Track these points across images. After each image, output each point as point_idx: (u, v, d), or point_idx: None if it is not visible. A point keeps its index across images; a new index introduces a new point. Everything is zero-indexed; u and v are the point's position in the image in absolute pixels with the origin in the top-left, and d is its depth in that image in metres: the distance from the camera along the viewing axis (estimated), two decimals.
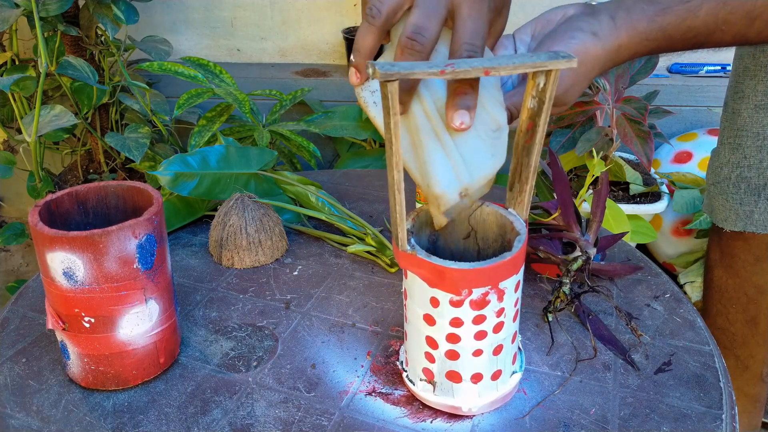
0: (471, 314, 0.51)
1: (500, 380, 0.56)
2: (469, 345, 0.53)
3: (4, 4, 1.08)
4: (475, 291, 0.50)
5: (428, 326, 0.54)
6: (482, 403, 0.56)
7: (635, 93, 1.37)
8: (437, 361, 0.55)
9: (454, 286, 0.50)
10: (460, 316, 0.52)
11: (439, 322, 0.53)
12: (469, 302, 0.51)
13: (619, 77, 1.29)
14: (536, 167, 0.51)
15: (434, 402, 0.57)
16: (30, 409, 0.59)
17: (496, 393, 0.57)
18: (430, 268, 0.50)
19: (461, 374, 0.55)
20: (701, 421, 0.57)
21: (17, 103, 1.26)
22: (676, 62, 1.72)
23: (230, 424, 0.57)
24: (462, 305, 0.51)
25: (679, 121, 1.68)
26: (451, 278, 0.50)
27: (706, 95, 1.65)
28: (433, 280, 0.51)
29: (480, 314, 0.52)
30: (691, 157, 1.56)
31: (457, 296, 0.51)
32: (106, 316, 0.57)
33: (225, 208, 0.81)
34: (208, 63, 1.23)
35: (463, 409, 0.56)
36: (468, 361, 0.54)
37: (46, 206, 0.59)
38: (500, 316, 0.53)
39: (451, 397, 0.56)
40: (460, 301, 0.51)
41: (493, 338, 0.53)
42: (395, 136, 0.45)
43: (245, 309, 0.73)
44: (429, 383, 0.57)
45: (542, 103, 0.49)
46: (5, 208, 1.85)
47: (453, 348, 0.54)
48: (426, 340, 0.55)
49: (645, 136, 1.24)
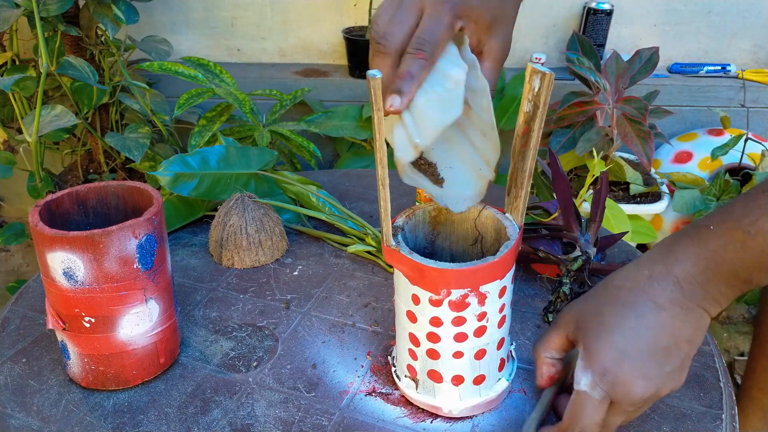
0: (450, 315, 0.52)
1: (483, 385, 0.56)
2: (449, 346, 0.53)
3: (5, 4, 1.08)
4: (454, 292, 0.50)
5: (411, 323, 0.54)
6: (463, 406, 0.56)
7: (635, 93, 1.37)
8: (419, 359, 0.55)
9: (433, 284, 0.50)
10: (439, 315, 0.52)
11: (420, 320, 0.53)
12: (448, 302, 0.51)
13: (620, 77, 1.29)
14: (531, 172, 0.51)
15: (417, 400, 0.58)
16: (30, 409, 0.59)
17: (478, 398, 0.56)
18: (411, 265, 0.51)
19: (442, 375, 0.55)
20: (701, 421, 0.57)
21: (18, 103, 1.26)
22: (676, 62, 1.72)
23: (230, 424, 0.57)
24: (441, 305, 0.51)
25: (679, 121, 1.68)
26: (430, 277, 0.50)
27: (706, 95, 1.65)
28: (414, 278, 0.51)
29: (459, 316, 0.52)
30: (692, 157, 1.56)
31: (436, 295, 0.51)
32: (106, 316, 0.57)
33: (225, 208, 0.81)
34: (208, 63, 1.23)
35: (444, 410, 0.56)
36: (448, 362, 0.54)
37: (47, 206, 0.59)
38: (482, 321, 0.52)
39: (433, 396, 0.56)
40: (439, 300, 0.51)
41: (474, 342, 0.53)
42: (378, 132, 0.46)
43: (245, 309, 0.73)
44: (413, 380, 0.57)
45: (537, 108, 0.49)
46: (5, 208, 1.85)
47: (433, 347, 0.54)
48: (409, 337, 0.55)
49: (645, 136, 1.24)
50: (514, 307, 0.73)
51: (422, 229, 0.58)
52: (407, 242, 0.56)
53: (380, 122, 0.46)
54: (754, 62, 1.71)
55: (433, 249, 0.60)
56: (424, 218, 0.58)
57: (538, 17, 1.66)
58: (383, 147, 0.47)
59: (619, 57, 1.30)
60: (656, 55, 1.33)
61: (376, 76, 0.45)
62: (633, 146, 1.25)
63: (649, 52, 1.34)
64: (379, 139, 0.47)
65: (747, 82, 1.63)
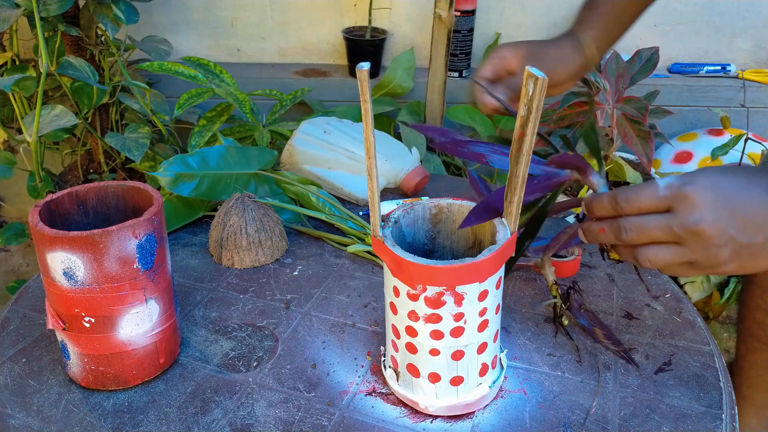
0: (426, 310, 0.52)
1: (461, 387, 0.56)
2: (426, 342, 0.54)
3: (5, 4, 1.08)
4: (430, 288, 0.51)
5: (392, 314, 0.55)
6: (439, 405, 0.56)
7: (635, 93, 1.37)
8: (400, 351, 0.56)
9: (410, 278, 0.51)
10: (416, 310, 0.53)
11: (400, 312, 0.54)
12: (424, 298, 0.52)
13: (620, 77, 1.29)
14: (524, 178, 0.51)
15: (396, 392, 0.58)
16: (30, 409, 0.59)
17: (455, 399, 0.56)
18: (391, 257, 0.52)
19: (419, 370, 0.55)
20: (701, 421, 0.57)
21: (18, 103, 1.26)
22: (676, 62, 1.72)
23: (230, 424, 0.57)
24: (418, 300, 0.52)
25: (679, 121, 1.68)
26: (407, 270, 0.51)
27: (706, 95, 1.65)
28: (394, 270, 0.52)
29: (435, 313, 0.52)
30: (692, 157, 1.56)
31: (413, 290, 0.52)
32: (106, 316, 0.57)
33: (225, 208, 0.81)
34: (208, 63, 1.23)
35: (420, 406, 0.57)
36: (425, 359, 0.55)
37: (47, 206, 0.59)
38: (459, 321, 0.53)
39: (411, 391, 0.57)
40: (416, 295, 0.52)
41: (450, 341, 0.53)
42: (366, 122, 0.47)
43: (245, 309, 0.73)
44: (395, 372, 0.58)
45: (530, 113, 0.48)
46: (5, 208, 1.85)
47: (411, 341, 0.55)
48: (392, 328, 0.56)
49: (645, 136, 1.24)
50: (513, 308, 0.72)
51: (422, 225, 0.58)
52: (405, 236, 0.57)
53: (367, 113, 0.47)
54: (754, 62, 1.71)
55: (433, 246, 0.60)
56: (424, 215, 0.58)
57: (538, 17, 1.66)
58: (370, 137, 0.48)
59: (619, 57, 1.30)
60: (656, 55, 1.33)
61: (363, 68, 0.45)
62: (633, 146, 1.25)
63: (649, 52, 1.34)
64: (367, 129, 0.48)
65: (747, 82, 1.63)
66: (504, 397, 0.60)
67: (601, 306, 0.73)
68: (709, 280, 1.29)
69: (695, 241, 0.48)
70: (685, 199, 0.48)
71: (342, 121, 1.06)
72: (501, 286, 0.55)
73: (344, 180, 0.97)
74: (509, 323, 0.70)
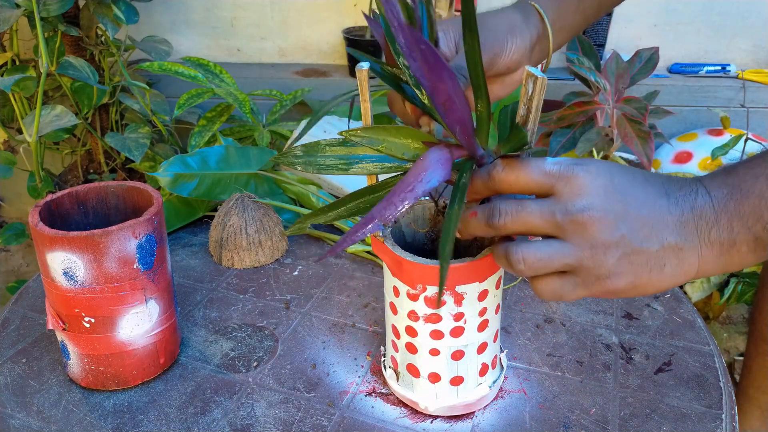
0: (426, 310, 0.52)
1: (461, 387, 0.56)
2: (426, 342, 0.54)
3: (5, 5, 1.08)
4: (430, 288, 0.51)
5: (392, 314, 0.55)
6: (439, 405, 0.56)
7: (635, 93, 1.37)
8: (399, 351, 0.56)
9: (410, 278, 0.51)
10: (416, 310, 0.53)
11: (400, 313, 0.54)
12: (424, 298, 0.52)
13: (620, 77, 1.29)
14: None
15: (396, 392, 0.58)
16: (30, 409, 0.59)
17: (455, 399, 0.56)
18: (391, 257, 0.52)
19: (419, 370, 0.55)
20: (701, 421, 0.57)
21: (18, 103, 1.26)
22: (676, 62, 1.72)
23: (230, 424, 0.57)
24: (417, 300, 0.52)
25: (679, 121, 1.68)
26: (407, 270, 0.51)
27: (706, 95, 1.65)
28: (394, 270, 0.52)
29: (435, 313, 0.52)
30: (692, 157, 1.56)
31: (413, 290, 0.52)
32: (106, 316, 0.57)
33: (225, 208, 0.81)
34: (208, 63, 1.23)
35: (420, 406, 0.57)
36: (425, 359, 0.55)
37: (47, 206, 0.59)
38: (459, 321, 0.53)
39: (411, 390, 0.57)
40: (415, 295, 0.52)
41: (450, 341, 0.53)
42: (365, 122, 0.48)
43: (245, 309, 0.73)
44: (395, 372, 0.58)
45: (529, 112, 0.49)
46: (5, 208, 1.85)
47: (411, 341, 0.55)
48: (392, 328, 0.56)
49: (645, 136, 1.24)
50: (513, 307, 0.72)
51: (422, 225, 0.58)
52: (404, 236, 0.57)
53: (366, 112, 0.47)
54: (754, 62, 1.71)
55: (433, 247, 0.60)
56: (424, 215, 0.58)
57: None
58: None
59: (619, 57, 1.30)
60: (656, 55, 1.33)
61: (363, 68, 0.46)
62: (633, 146, 1.25)
63: (649, 52, 1.34)
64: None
65: (747, 82, 1.63)
66: (504, 397, 0.60)
67: (601, 306, 0.73)
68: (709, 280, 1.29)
69: (579, 235, 0.40)
70: (573, 180, 0.40)
71: (342, 120, 1.06)
72: (501, 286, 0.55)
73: (344, 180, 0.97)
74: (509, 323, 0.70)
